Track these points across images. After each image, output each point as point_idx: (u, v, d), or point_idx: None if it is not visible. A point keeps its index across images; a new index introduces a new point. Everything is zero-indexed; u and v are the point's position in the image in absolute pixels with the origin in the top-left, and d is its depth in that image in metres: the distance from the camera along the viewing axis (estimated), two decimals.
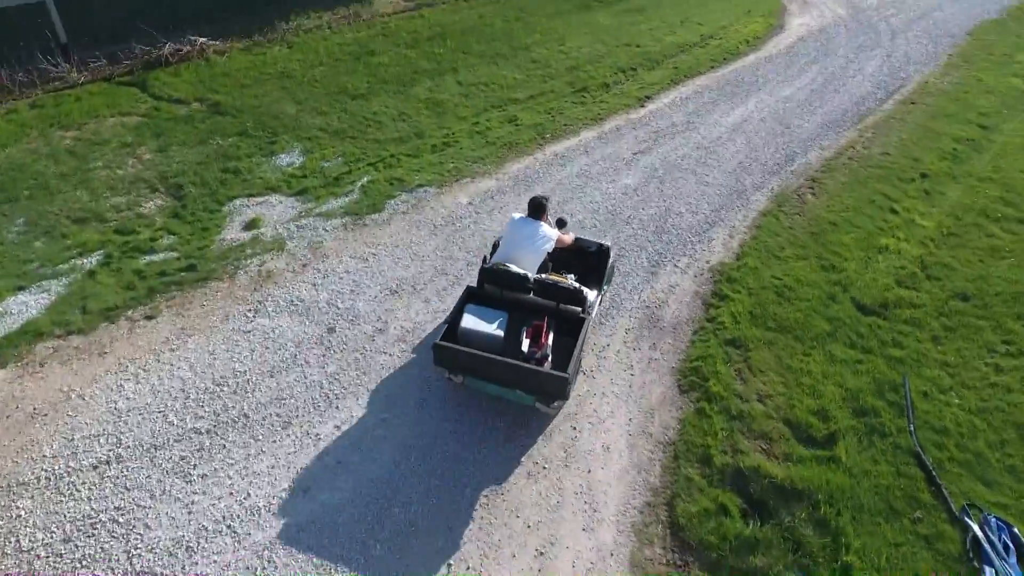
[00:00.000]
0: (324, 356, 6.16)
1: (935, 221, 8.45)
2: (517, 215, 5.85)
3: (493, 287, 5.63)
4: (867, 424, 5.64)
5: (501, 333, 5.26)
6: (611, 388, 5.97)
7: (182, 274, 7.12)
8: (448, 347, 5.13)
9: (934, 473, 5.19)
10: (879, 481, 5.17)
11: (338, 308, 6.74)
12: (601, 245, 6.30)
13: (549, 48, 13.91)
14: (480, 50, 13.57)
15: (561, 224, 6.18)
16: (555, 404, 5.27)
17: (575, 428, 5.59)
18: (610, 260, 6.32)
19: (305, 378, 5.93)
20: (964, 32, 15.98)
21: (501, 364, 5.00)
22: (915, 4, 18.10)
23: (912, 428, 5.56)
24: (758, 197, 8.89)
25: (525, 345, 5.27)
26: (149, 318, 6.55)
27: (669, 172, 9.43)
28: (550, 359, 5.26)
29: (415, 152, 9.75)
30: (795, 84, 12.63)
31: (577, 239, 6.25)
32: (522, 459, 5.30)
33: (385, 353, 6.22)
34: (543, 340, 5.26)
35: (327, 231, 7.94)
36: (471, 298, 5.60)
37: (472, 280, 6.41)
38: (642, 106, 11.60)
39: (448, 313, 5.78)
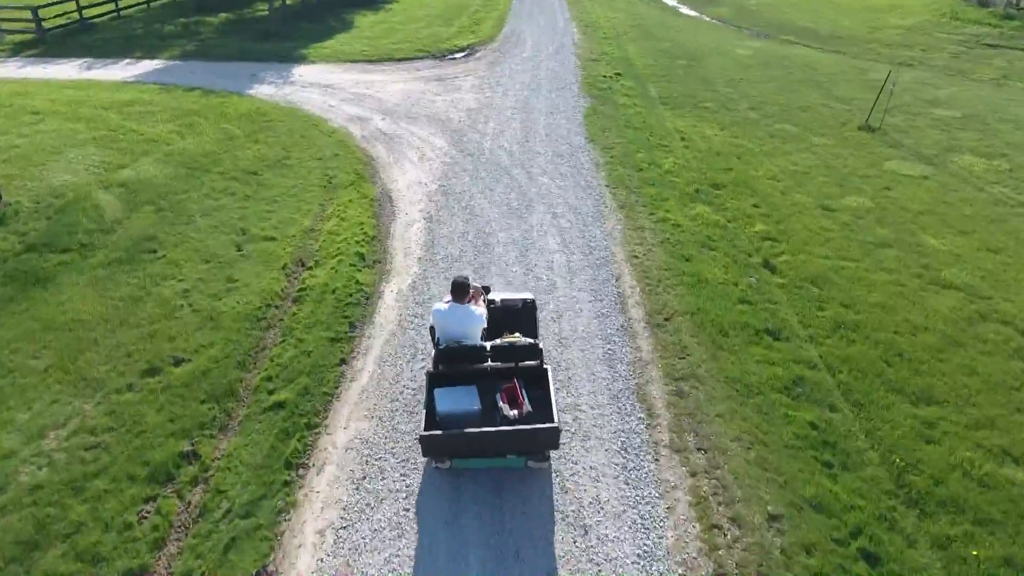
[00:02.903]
0: None
1: None
2: (441, 305, 5.64)
3: (451, 366, 5.54)
4: None
5: (477, 407, 5.30)
6: None
7: None
8: (436, 435, 5.00)
9: None
10: None
11: None
12: (526, 300, 6.28)
13: None
14: None
15: (487, 291, 6.25)
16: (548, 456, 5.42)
17: None
18: (537, 311, 6.37)
19: None
20: (584, 139, 13.01)
21: (495, 435, 5.00)
22: (501, 109, 14.76)
23: None
24: None
25: (506, 410, 5.25)
26: None
27: None
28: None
29: None
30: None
31: (503, 300, 6.27)
32: None
33: None
34: (520, 400, 5.31)
35: None
36: (433, 382, 5.46)
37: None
38: None
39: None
